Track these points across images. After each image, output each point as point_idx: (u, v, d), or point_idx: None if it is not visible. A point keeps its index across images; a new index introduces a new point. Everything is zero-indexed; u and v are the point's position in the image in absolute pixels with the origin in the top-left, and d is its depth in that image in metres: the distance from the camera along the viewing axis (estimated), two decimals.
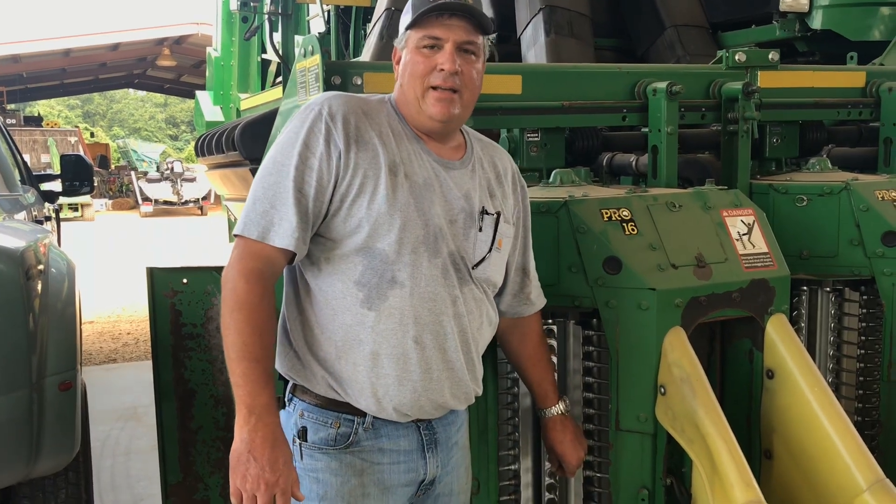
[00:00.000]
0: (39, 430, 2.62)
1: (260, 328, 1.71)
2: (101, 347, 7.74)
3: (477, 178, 1.93)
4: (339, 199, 1.76)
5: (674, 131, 2.66)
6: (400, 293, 1.77)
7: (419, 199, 1.80)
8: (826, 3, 3.84)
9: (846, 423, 2.19)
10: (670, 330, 2.17)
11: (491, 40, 4.42)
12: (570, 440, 2.16)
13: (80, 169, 5.61)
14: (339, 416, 1.81)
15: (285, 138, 1.79)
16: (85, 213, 21.32)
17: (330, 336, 1.79)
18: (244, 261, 1.74)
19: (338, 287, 1.78)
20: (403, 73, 1.86)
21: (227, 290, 1.73)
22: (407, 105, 1.87)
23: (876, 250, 2.61)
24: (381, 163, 1.78)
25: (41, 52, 21.22)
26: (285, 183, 1.74)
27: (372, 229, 1.75)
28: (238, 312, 1.70)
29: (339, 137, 1.77)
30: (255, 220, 1.74)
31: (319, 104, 1.80)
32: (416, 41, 1.84)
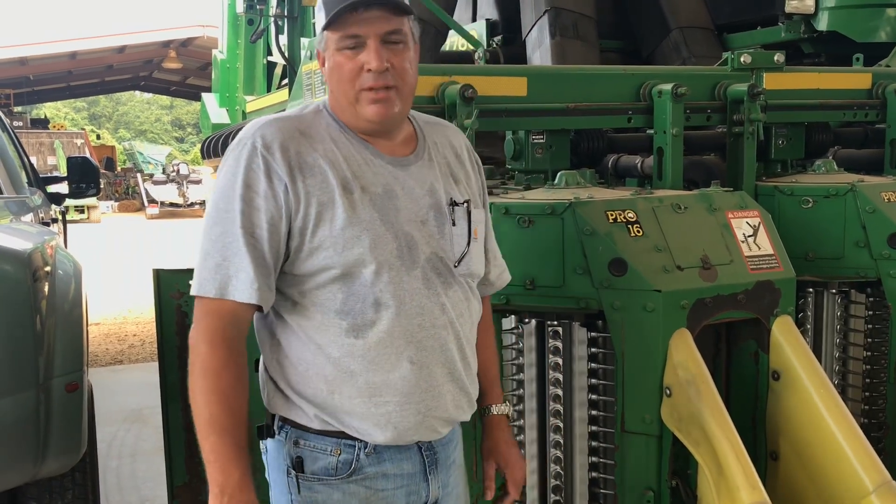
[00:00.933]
0: (46, 431, 2.63)
1: (227, 396, 1.59)
2: (107, 349, 7.76)
3: (436, 166, 1.80)
4: (297, 235, 1.63)
5: (679, 133, 2.66)
6: (386, 315, 1.65)
7: (383, 210, 1.67)
8: (832, 4, 3.84)
9: (852, 425, 2.18)
10: (676, 332, 2.17)
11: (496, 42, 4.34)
12: (514, 444, 2.00)
13: (86, 171, 5.62)
14: (338, 443, 1.68)
15: (223, 182, 1.64)
16: (91, 216, 21.38)
17: (318, 372, 1.66)
18: (205, 322, 1.62)
19: (318, 320, 1.66)
20: (331, 79, 1.72)
21: (192, 354, 1.62)
22: (342, 111, 1.73)
23: (882, 252, 2.61)
24: (333, 184, 1.64)
25: (48, 54, 21.30)
26: (233, 231, 1.61)
27: (342, 256, 1.63)
28: (202, 380, 1.59)
29: (280, 169, 1.63)
30: (208, 277, 1.61)
31: (251, 136, 1.66)
32: (336, 42, 1.68)
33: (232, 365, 1.61)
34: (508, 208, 2.30)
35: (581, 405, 2.29)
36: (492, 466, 1.97)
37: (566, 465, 2.32)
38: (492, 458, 1.97)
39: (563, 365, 2.29)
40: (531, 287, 2.27)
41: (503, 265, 2.00)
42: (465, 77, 2.45)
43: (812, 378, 2.26)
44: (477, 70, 2.99)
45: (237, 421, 1.60)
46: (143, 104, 53.95)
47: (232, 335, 1.62)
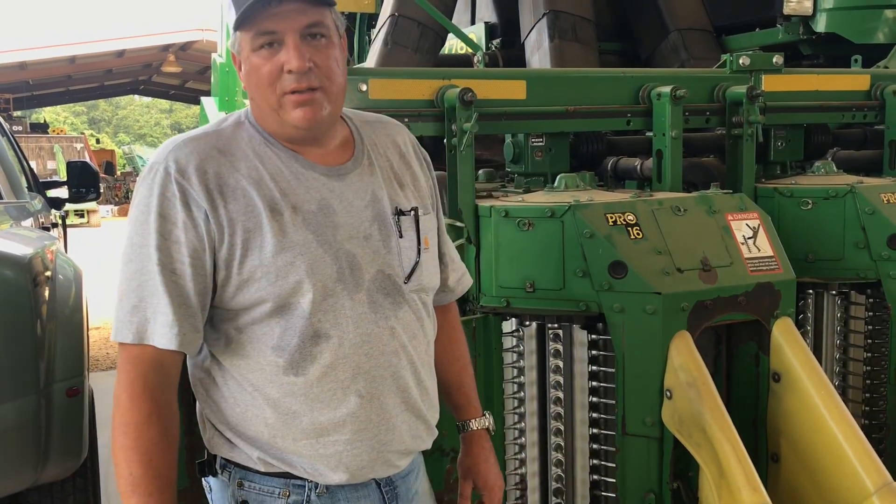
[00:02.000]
0: (47, 436, 2.62)
1: (150, 454, 1.44)
2: (107, 353, 7.76)
3: (378, 171, 1.62)
4: (223, 266, 1.47)
5: (678, 135, 2.67)
6: (327, 347, 1.49)
7: (318, 230, 1.50)
8: (830, 6, 3.84)
9: (853, 426, 2.19)
10: (676, 334, 2.17)
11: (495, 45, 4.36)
12: (494, 463, 1.84)
13: (86, 175, 5.62)
14: (287, 484, 1.53)
15: (136, 213, 1.48)
16: (91, 220, 21.36)
17: (256, 414, 1.51)
18: (125, 371, 1.46)
19: (253, 358, 1.50)
20: (249, 84, 1.53)
21: (114, 407, 1.47)
22: (265, 119, 1.55)
23: (882, 253, 2.61)
24: (259, 207, 1.47)
25: (47, 59, 21.31)
26: (149, 268, 1.44)
27: (275, 286, 1.46)
28: (123, 437, 1.45)
29: (198, 195, 1.45)
30: (125, 320, 1.45)
31: (163, 161, 1.48)
32: (250, 42, 1.50)
33: (156, 419, 1.45)
34: (508, 211, 2.30)
35: (582, 407, 2.29)
36: (468, 486, 1.83)
37: (567, 467, 2.32)
38: (469, 476, 1.83)
39: (564, 367, 2.29)
40: (531, 290, 2.27)
41: (463, 268, 1.85)
42: (464, 80, 2.45)
43: (812, 379, 2.26)
44: (476, 73, 2.99)
45: (162, 482, 1.46)
46: (143, 108, 53.98)
47: (155, 384, 1.46)
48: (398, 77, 2.48)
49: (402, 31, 4.15)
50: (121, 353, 1.49)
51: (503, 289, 2.31)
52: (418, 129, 2.43)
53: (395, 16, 4.21)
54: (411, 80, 2.45)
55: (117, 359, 1.51)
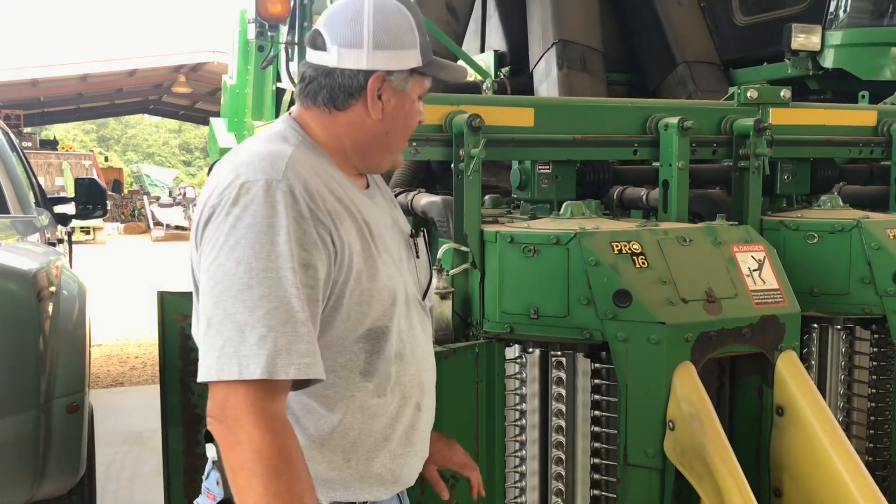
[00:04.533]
0: (45, 452, 2.61)
1: (304, 494, 1.31)
2: (108, 370, 7.74)
3: (385, 196, 1.70)
4: (337, 291, 1.44)
5: (685, 166, 2.67)
6: (402, 366, 1.54)
7: (390, 252, 1.54)
8: (838, 42, 3.87)
9: (856, 463, 2.17)
10: (680, 365, 2.16)
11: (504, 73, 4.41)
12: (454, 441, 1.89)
13: (93, 192, 5.65)
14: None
15: (250, 235, 1.34)
16: (97, 237, 21.43)
17: (336, 444, 1.49)
18: (259, 408, 1.30)
19: (341, 387, 1.46)
20: (395, 122, 1.56)
21: (246, 454, 1.28)
22: (380, 154, 1.59)
23: (887, 289, 2.61)
24: (361, 229, 1.48)
25: (59, 76, 21.49)
26: (281, 294, 1.33)
27: (378, 310, 1.47)
28: (276, 482, 1.27)
29: (323, 216, 1.41)
30: (250, 353, 1.30)
31: (283, 179, 1.39)
32: (421, 90, 1.58)
33: (300, 455, 1.34)
34: (514, 237, 2.30)
35: (584, 437, 2.27)
36: (432, 469, 1.83)
37: (567, 496, 2.29)
38: (431, 462, 1.79)
39: (566, 396, 2.28)
40: (535, 317, 2.26)
41: None
42: (472, 107, 2.47)
43: (816, 414, 2.24)
44: (485, 100, 3.01)
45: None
46: (152, 127, 54.32)
47: (286, 419, 1.36)
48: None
49: None
50: (239, 393, 1.30)
51: (507, 315, 2.31)
52: (426, 153, 2.45)
53: None
54: None
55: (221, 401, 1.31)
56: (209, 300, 1.36)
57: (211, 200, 1.42)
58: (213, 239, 1.38)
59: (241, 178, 1.40)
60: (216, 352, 1.33)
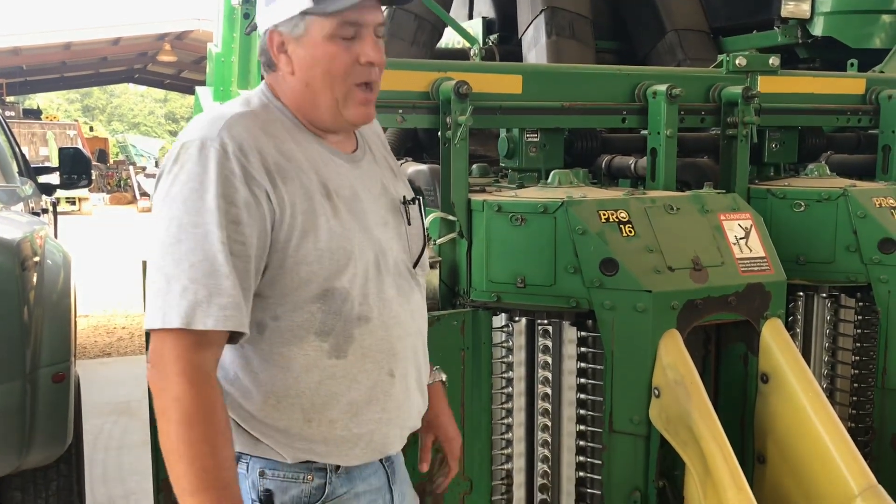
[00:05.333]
0: (32, 422, 2.61)
1: (219, 444, 1.37)
2: (95, 341, 7.72)
3: (378, 161, 1.68)
4: (280, 249, 1.45)
5: (673, 134, 2.66)
6: (367, 329, 1.53)
7: (357, 214, 1.53)
8: (827, 10, 3.85)
9: (839, 429, 2.19)
10: (666, 332, 2.17)
11: (492, 40, 4.37)
12: (452, 415, 1.89)
13: (78, 162, 5.59)
14: (310, 467, 1.55)
15: (186, 191, 1.40)
16: (82, 207, 21.27)
17: (293, 402, 1.50)
18: (179, 358, 1.36)
19: (294, 345, 1.49)
20: (310, 71, 1.51)
21: (168, 400, 1.37)
22: (316, 109, 1.54)
23: (872, 257, 2.62)
24: (312, 189, 1.48)
25: (42, 44, 21.18)
26: (207, 248, 1.38)
27: (328, 270, 1.47)
28: (188, 429, 1.35)
29: (259, 174, 1.43)
30: (173, 303, 1.36)
31: (217, 137, 1.42)
32: (330, 29, 1.48)
33: (220, 406, 1.40)
34: (501, 206, 2.30)
35: (569, 404, 2.28)
36: (430, 438, 1.86)
37: (553, 464, 2.31)
38: (431, 430, 1.85)
39: (553, 364, 2.29)
40: (522, 285, 2.26)
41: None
42: (460, 73, 2.44)
43: (800, 381, 2.26)
44: (472, 67, 2.98)
45: (232, 473, 1.41)
46: (137, 97, 53.74)
47: (211, 368, 1.41)
48: (394, 68, 2.47)
49: (399, 24, 4.14)
50: (168, 342, 1.37)
51: (494, 283, 2.31)
52: (413, 120, 2.43)
53: (392, 8, 4.19)
54: (407, 72, 2.44)
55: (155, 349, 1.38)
56: (149, 254, 1.43)
57: (162, 162, 1.49)
58: (156, 197, 1.45)
59: (182, 139, 1.46)
60: (149, 302, 1.40)
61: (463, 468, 2.31)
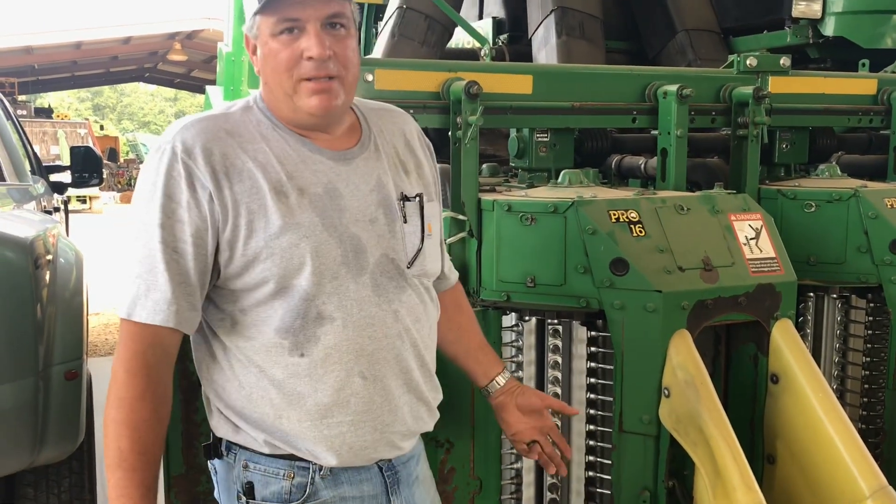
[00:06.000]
0: (44, 419, 2.63)
1: (139, 430, 1.49)
2: (106, 339, 7.77)
3: (384, 157, 1.67)
4: (227, 247, 1.50)
5: (683, 134, 2.66)
6: (331, 328, 1.53)
7: (324, 212, 1.53)
8: (839, 10, 3.83)
9: (850, 430, 2.18)
10: (676, 332, 2.17)
11: (502, 40, 4.36)
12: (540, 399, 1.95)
13: (89, 161, 5.62)
14: (291, 465, 1.57)
15: (142, 191, 1.52)
16: (93, 206, 21.37)
17: (262, 395, 1.54)
18: (124, 346, 1.51)
19: (258, 340, 1.53)
20: (265, 69, 1.57)
21: (111, 381, 1.52)
22: (278, 104, 1.58)
23: (884, 258, 2.61)
24: (264, 188, 1.50)
25: (53, 44, 21.32)
26: (152, 245, 1.48)
27: (281, 268, 1.49)
28: (116, 410, 1.49)
29: (203, 175, 1.49)
30: (127, 296, 1.51)
31: (170, 141, 1.51)
32: (271, 27, 1.52)
33: (149, 396, 1.50)
34: (511, 206, 2.30)
35: (579, 404, 2.29)
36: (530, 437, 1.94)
37: None
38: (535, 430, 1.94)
39: (563, 363, 2.29)
40: (532, 285, 2.27)
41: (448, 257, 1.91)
42: (470, 73, 2.45)
43: (811, 382, 2.26)
44: (482, 67, 2.99)
45: (148, 459, 1.50)
46: (148, 96, 53.95)
47: (153, 362, 1.50)
48: (404, 68, 2.48)
49: (409, 24, 4.14)
50: (122, 329, 1.52)
51: (504, 283, 2.31)
52: (423, 120, 2.43)
53: (402, 8, 4.20)
54: (417, 72, 2.45)
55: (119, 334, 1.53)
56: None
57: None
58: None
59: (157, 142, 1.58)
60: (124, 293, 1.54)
61: (473, 468, 2.32)
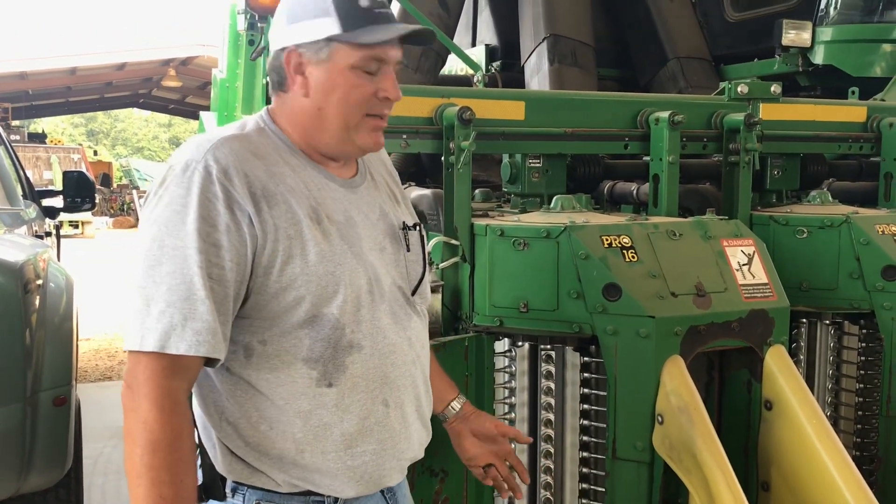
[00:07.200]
0: (32, 445, 2.60)
1: (181, 474, 1.37)
2: (96, 365, 7.70)
3: (380, 187, 1.67)
4: (262, 274, 1.43)
5: (675, 160, 2.67)
6: (359, 357, 1.50)
7: (350, 241, 1.51)
8: (828, 38, 3.88)
9: (844, 457, 2.17)
10: (669, 358, 2.16)
11: (495, 67, 4.39)
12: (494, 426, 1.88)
13: (81, 186, 5.61)
14: (307, 500, 1.52)
15: (168, 213, 1.39)
16: (85, 231, 21.31)
17: (284, 430, 1.47)
18: (154, 382, 1.36)
19: (282, 371, 1.46)
20: (326, 95, 1.50)
21: (135, 423, 1.36)
22: (323, 133, 1.53)
23: (876, 284, 2.61)
24: (300, 214, 1.46)
25: (47, 69, 21.34)
26: (186, 271, 1.37)
27: (315, 296, 1.45)
28: (151, 455, 1.35)
29: (242, 198, 1.41)
30: (151, 327, 1.36)
31: (201, 160, 1.41)
32: (355, 60, 1.49)
33: (187, 436, 1.39)
34: (504, 230, 2.30)
35: (572, 430, 2.27)
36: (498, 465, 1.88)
37: (556, 490, 2.30)
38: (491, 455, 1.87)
39: (556, 389, 2.28)
40: (525, 310, 2.26)
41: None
42: (463, 99, 2.46)
43: (804, 408, 2.25)
44: (475, 93, 3.00)
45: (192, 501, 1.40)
46: (142, 122, 54.05)
47: (183, 398, 1.40)
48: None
49: (403, 50, 4.16)
50: (142, 363, 1.37)
51: (497, 308, 2.31)
52: (417, 146, 2.44)
53: None
54: (411, 98, 2.46)
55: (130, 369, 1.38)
56: (132, 274, 1.41)
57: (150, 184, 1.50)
58: (141, 218, 1.46)
59: (170, 162, 1.47)
60: (129, 323, 1.40)
61: (466, 497, 2.30)
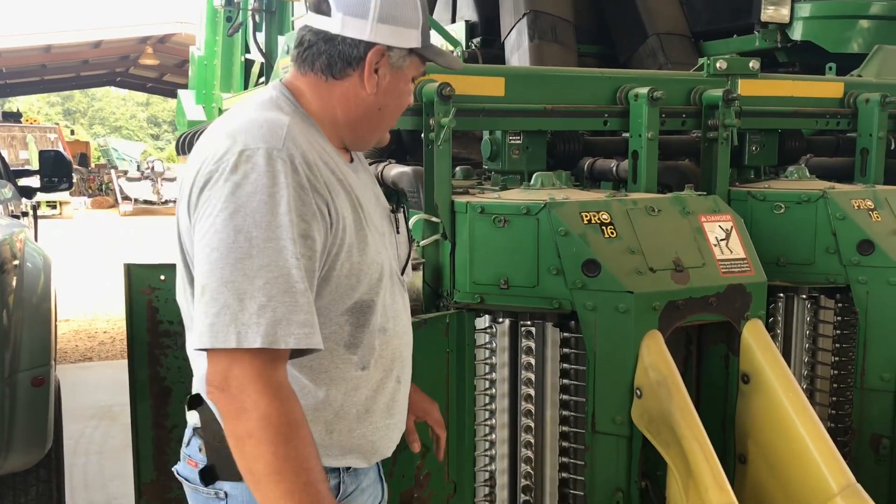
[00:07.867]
0: (10, 425, 2.59)
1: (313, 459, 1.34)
2: (76, 346, 7.66)
3: (368, 172, 1.72)
4: (329, 262, 1.44)
5: (654, 137, 2.68)
6: (384, 339, 1.55)
7: (373, 226, 1.54)
8: (806, 14, 3.89)
9: (819, 429, 2.21)
10: (647, 333, 2.18)
11: (475, 44, 4.37)
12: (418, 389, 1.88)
13: (58, 165, 5.57)
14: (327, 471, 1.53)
15: (252, 202, 1.33)
16: (63, 211, 21.09)
17: (318, 415, 1.49)
18: (265, 379, 1.31)
19: (325, 359, 1.47)
20: (391, 99, 1.58)
21: (251, 422, 1.30)
22: (371, 130, 1.60)
23: (851, 258, 2.64)
24: (353, 202, 1.49)
25: (21, 47, 21.00)
26: (283, 263, 1.32)
27: (365, 283, 1.48)
28: (286, 447, 1.29)
29: (321, 187, 1.41)
30: (251, 322, 1.30)
31: (283, 148, 1.38)
32: (415, 72, 1.60)
33: (304, 420, 1.35)
34: (484, 208, 2.30)
35: (552, 405, 2.29)
36: (411, 419, 1.85)
37: (537, 465, 2.32)
38: (410, 412, 1.82)
39: (536, 365, 2.29)
40: (505, 287, 2.27)
41: None
42: (442, 76, 2.45)
43: (781, 382, 2.28)
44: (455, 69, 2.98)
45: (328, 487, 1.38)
46: (119, 100, 53.37)
47: (290, 384, 1.37)
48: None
49: None
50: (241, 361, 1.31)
51: (477, 285, 2.31)
52: (397, 122, 2.42)
53: None
54: None
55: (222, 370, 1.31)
56: (205, 267, 1.34)
57: (206, 167, 1.39)
58: (210, 206, 1.36)
59: (239, 145, 1.38)
60: (210, 319, 1.32)
61: (448, 472, 2.32)
